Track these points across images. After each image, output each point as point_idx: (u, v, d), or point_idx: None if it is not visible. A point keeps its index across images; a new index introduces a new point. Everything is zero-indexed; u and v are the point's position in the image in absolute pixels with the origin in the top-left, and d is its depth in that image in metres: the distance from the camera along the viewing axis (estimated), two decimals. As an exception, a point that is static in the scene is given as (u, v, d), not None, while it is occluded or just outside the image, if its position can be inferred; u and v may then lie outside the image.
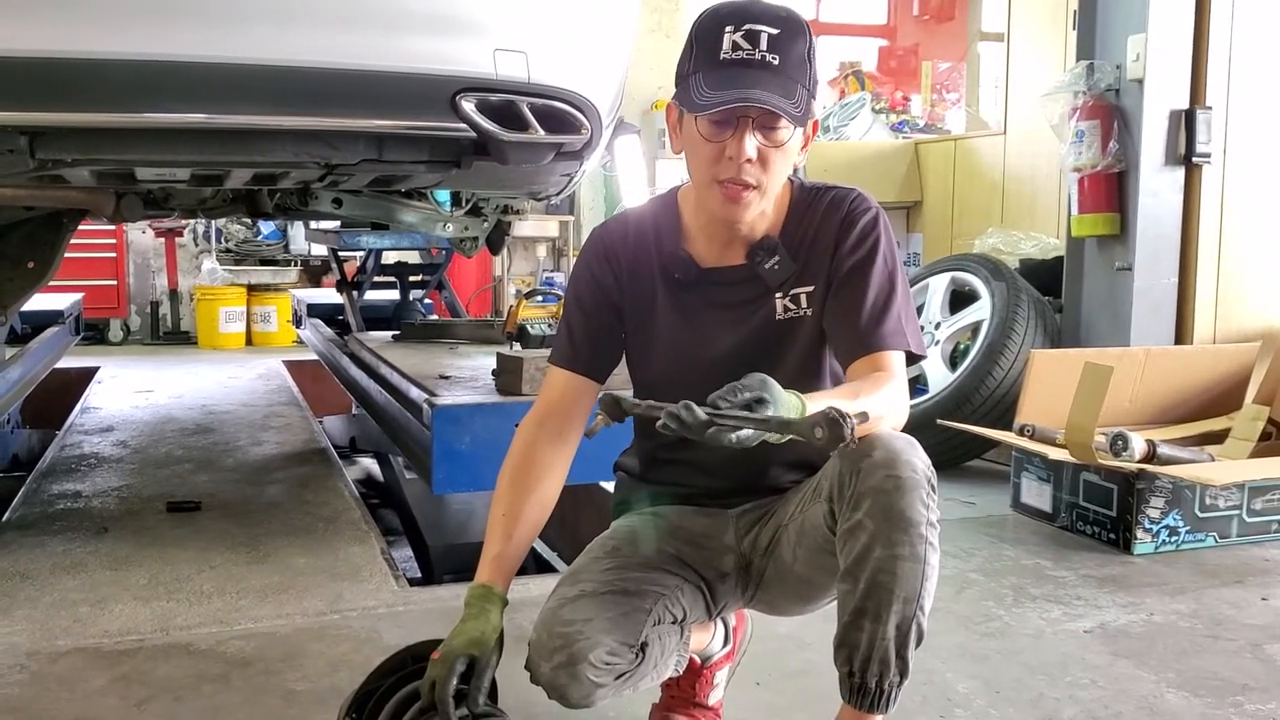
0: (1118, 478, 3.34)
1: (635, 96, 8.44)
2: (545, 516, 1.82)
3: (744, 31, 1.62)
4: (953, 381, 4.30)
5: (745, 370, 1.48)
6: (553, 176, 3.05)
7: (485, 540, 1.77)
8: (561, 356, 1.88)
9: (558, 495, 1.84)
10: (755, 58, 1.62)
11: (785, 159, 1.69)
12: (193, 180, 2.95)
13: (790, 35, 1.64)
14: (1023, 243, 5.22)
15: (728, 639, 2.04)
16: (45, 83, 2.27)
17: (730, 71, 1.62)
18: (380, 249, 5.21)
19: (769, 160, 1.66)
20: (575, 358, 1.86)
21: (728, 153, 1.65)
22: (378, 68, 2.45)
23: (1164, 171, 4.15)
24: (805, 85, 1.65)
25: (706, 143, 1.67)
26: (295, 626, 2.55)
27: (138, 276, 9.23)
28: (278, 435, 4.68)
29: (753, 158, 1.65)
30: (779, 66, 1.62)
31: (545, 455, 1.82)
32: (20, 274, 3.60)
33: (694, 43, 1.68)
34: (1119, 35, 4.15)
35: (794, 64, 1.63)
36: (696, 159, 1.71)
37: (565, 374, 1.86)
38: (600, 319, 1.86)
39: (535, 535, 1.84)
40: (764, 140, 1.65)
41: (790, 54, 1.63)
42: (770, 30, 1.63)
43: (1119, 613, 2.80)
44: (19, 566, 2.91)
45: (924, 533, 1.55)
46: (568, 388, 1.86)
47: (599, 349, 1.87)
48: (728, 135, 1.65)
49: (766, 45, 1.62)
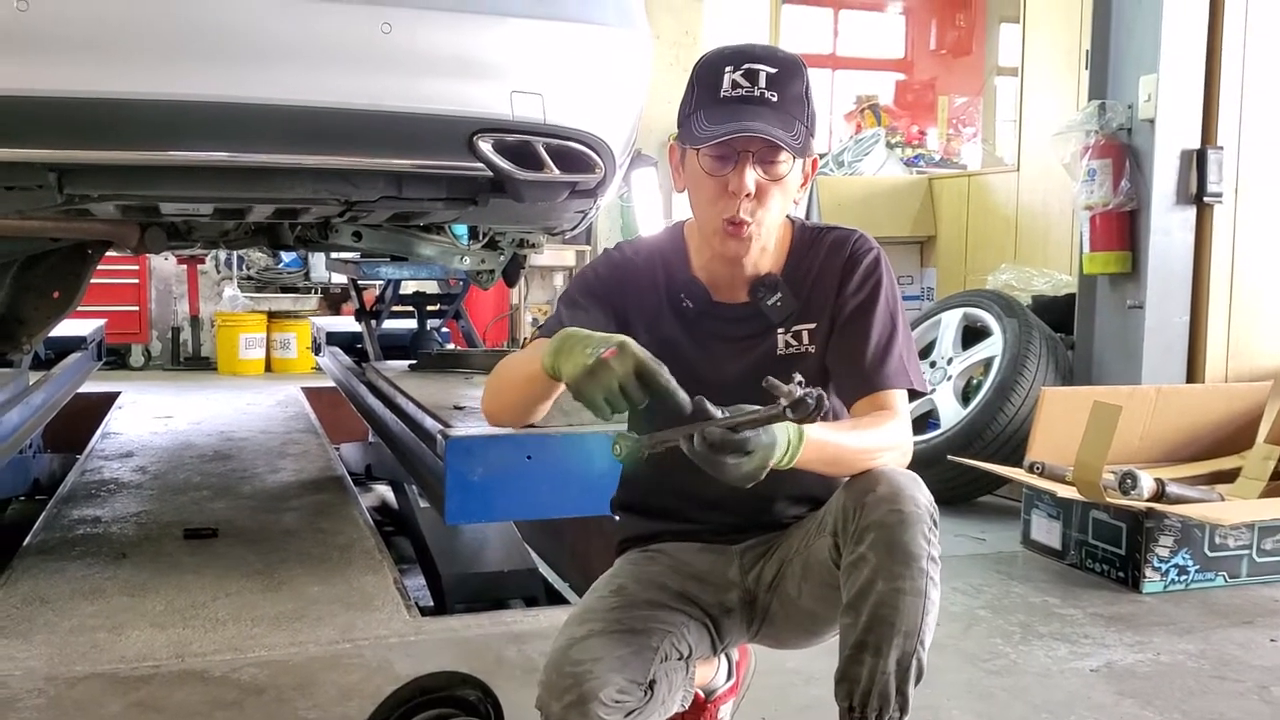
0: (1127, 516, 3.35)
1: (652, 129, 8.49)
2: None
3: (743, 70, 1.69)
4: (964, 417, 4.32)
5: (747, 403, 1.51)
6: (567, 213, 3.10)
7: (516, 368, 1.73)
8: (550, 330, 1.74)
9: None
10: (754, 94, 1.68)
11: (785, 194, 1.74)
12: (215, 214, 3.01)
13: (788, 74, 1.70)
14: (1035, 279, 5.24)
15: (731, 673, 2.07)
16: (74, 121, 2.33)
17: (730, 107, 1.68)
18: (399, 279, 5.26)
19: (768, 195, 1.72)
20: None
21: (730, 187, 1.70)
22: (397, 109, 2.51)
23: (1175, 210, 4.18)
24: (803, 121, 1.71)
25: (709, 178, 1.72)
26: (308, 655, 2.58)
27: (160, 303, 9.32)
28: (295, 462, 4.72)
29: (752, 191, 1.70)
30: (778, 103, 1.68)
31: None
32: (46, 303, 3.67)
33: (695, 84, 1.74)
34: (1131, 75, 4.19)
35: (792, 101, 1.70)
36: (699, 196, 1.76)
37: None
38: (595, 312, 1.82)
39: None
40: (764, 174, 1.70)
41: (788, 91, 1.69)
42: (768, 69, 1.69)
43: (1126, 652, 2.81)
44: (39, 591, 2.95)
45: (925, 567, 1.59)
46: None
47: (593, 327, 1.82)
48: (729, 170, 1.70)
49: (765, 83, 1.68)
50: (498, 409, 1.81)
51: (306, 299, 9.40)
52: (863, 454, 1.67)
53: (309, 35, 2.46)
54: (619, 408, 1.49)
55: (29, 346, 3.83)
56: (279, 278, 9.35)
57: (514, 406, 1.77)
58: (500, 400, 1.80)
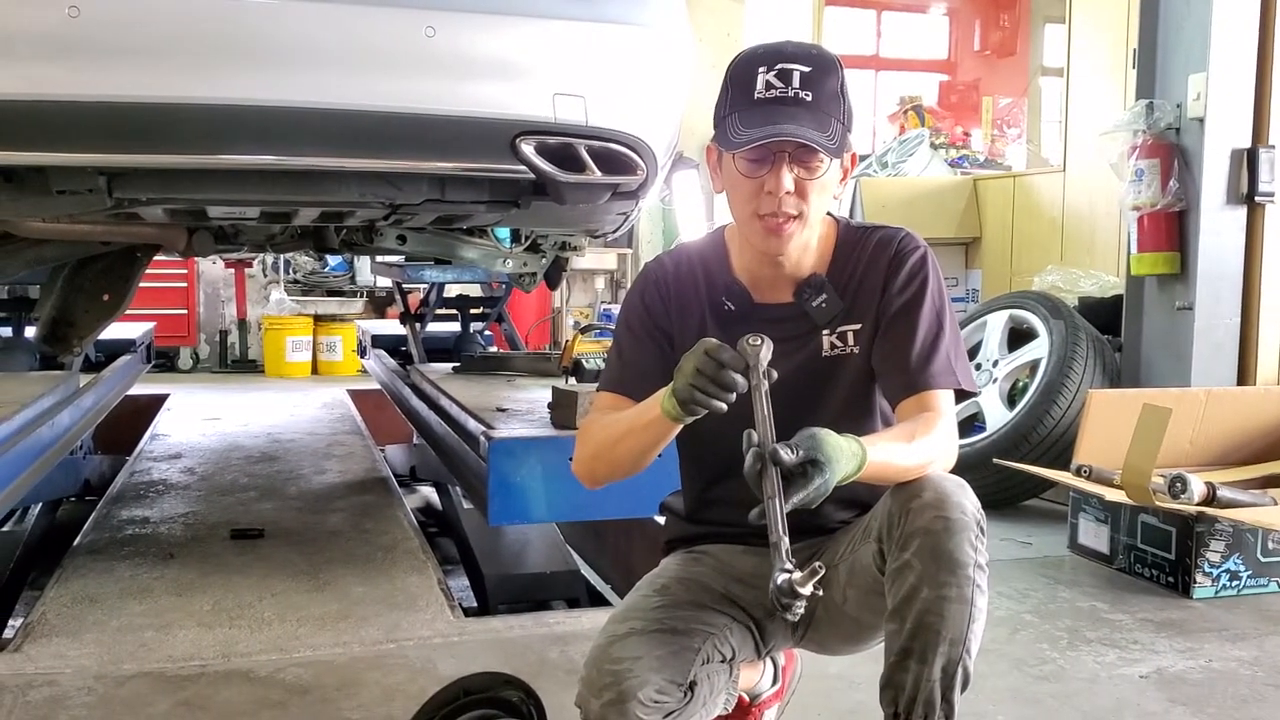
0: (1177, 520, 3.30)
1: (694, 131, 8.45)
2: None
3: (777, 71, 1.68)
4: (1010, 420, 4.28)
5: (792, 406, 1.51)
6: (609, 215, 3.10)
7: (627, 421, 1.77)
8: (609, 380, 1.90)
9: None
10: (788, 94, 1.67)
11: (823, 191, 1.73)
12: (262, 218, 3.04)
13: (822, 71, 1.69)
14: (1082, 280, 5.19)
15: (777, 678, 2.06)
16: (123, 126, 2.36)
17: (765, 109, 1.67)
18: (442, 282, 5.31)
19: (807, 191, 1.70)
20: (623, 383, 1.87)
21: (766, 188, 1.69)
22: (441, 112, 2.52)
23: (1225, 210, 4.12)
24: (839, 119, 1.69)
25: (745, 180, 1.71)
26: (352, 655, 2.60)
27: (208, 306, 9.44)
28: (340, 464, 4.76)
29: (790, 190, 1.69)
30: (812, 102, 1.67)
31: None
32: (96, 306, 3.73)
33: (729, 85, 1.73)
34: (1179, 74, 4.13)
35: (827, 98, 1.68)
36: (737, 196, 1.75)
37: (613, 397, 1.87)
38: (649, 346, 1.87)
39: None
40: (801, 173, 1.69)
41: (823, 89, 1.68)
42: (802, 68, 1.68)
43: (1177, 658, 2.76)
44: (89, 591, 2.99)
45: (972, 575, 1.57)
46: (616, 404, 1.86)
47: (646, 376, 1.89)
48: (765, 171, 1.69)
49: (799, 82, 1.67)
50: (605, 468, 1.82)
51: (352, 302, 9.48)
52: (915, 469, 1.66)
53: (354, 40, 2.47)
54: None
55: (79, 349, 3.89)
56: (325, 281, 9.45)
57: (627, 458, 1.77)
58: (610, 456, 1.80)
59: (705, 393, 1.57)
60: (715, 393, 1.56)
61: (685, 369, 1.60)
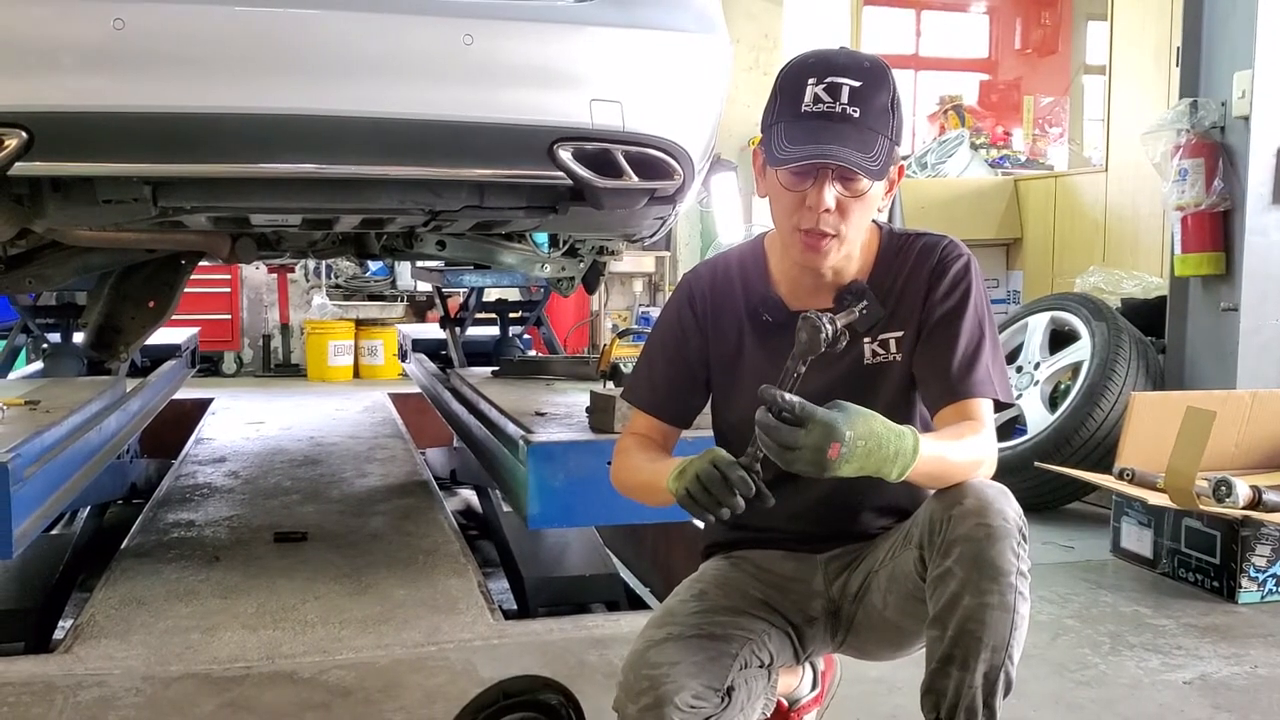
0: (1221, 524, 3.26)
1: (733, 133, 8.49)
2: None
3: (826, 84, 1.66)
4: (1052, 423, 4.24)
5: None
6: (646, 220, 3.11)
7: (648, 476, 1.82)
8: (641, 399, 1.94)
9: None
10: (836, 110, 1.65)
11: (866, 207, 1.72)
12: (304, 225, 3.08)
13: (872, 86, 1.67)
14: (1125, 282, 5.14)
15: (816, 683, 2.06)
16: (168, 136, 2.40)
17: (811, 125, 1.65)
18: (482, 287, 5.34)
19: (849, 210, 1.69)
20: (656, 403, 1.92)
21: (807, 203, 1.68)
22: (479, 119, 2.54)
23: (1272, 210, 4.06)
24: (887, 135, 1.68)
25: (787, 192, 1.71)
26: (394, 658, 2.62)
27: (251, 311, 9.54)
28: (381, 467, 4.80)
29: (831, 208, 1.68)
30: (859, 119, 1.65)
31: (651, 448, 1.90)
32: (142, 312, 3.79)
33: (778, 93, 1.72)
34: (1224, 71, 4.08)
35: (875, 115, 1.66)
36: (778, 207, 1.75)
37: (647, 419, 1.92)
38: (680, 367, 1.90)
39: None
40: (843, 191, 1.68)
41: (872, 105, 1.66)
42: (852, 83, 1.66)
43: (1221, 664, 2.73)
44: (136, 593, 3.04)
45: (1014, 582, 1.56)
46: (651, 430, 1.91)
47: (678, 394, 1.91)
48: (807, 185, 1.68)
49: (848, 98, 1.65)
50: (635, 496, 1.89)
51: (393, 307, 9.55)
52: (966, 469, 1.65)
53: (393, 49, 2.50)
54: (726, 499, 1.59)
55: (126, 354, 3.96)
56: (366, 286, 9.52)
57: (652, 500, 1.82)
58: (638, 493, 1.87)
59: (700, 504, 1.61)
60: (710, 506, 1.60)
61: (688, 472, 1.62)
